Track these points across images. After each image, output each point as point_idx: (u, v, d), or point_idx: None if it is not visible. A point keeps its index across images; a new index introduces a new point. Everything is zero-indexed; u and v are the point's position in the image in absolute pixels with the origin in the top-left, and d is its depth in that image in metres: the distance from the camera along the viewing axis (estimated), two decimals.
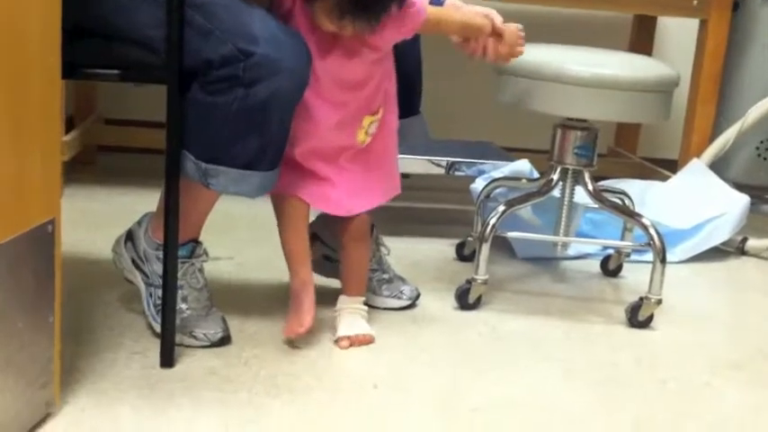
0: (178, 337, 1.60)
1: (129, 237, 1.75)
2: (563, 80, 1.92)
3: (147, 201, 1.77)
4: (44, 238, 1.30)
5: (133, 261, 1.73)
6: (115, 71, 1.55)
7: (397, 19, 1.58)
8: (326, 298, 1.80)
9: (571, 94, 1.92)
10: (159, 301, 1.62)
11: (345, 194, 1.70)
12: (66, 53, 1.31)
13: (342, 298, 1.78)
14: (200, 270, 1.69)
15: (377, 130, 1.71)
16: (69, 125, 2.72)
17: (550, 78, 1.93)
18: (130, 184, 2.59)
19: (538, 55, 1.98)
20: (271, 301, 1.89)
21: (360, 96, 1.66)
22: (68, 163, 2.51)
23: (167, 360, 1.57)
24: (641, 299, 1.94)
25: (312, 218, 1.78)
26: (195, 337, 1.65)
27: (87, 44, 1.52)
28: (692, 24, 2.73)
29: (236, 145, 1.53)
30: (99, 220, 2.28)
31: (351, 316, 1.76)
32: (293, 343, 1.69)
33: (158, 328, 1.60)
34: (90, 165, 2.86)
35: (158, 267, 1.63)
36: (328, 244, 1.90)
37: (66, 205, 1.39)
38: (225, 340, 1.67)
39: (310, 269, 1.73)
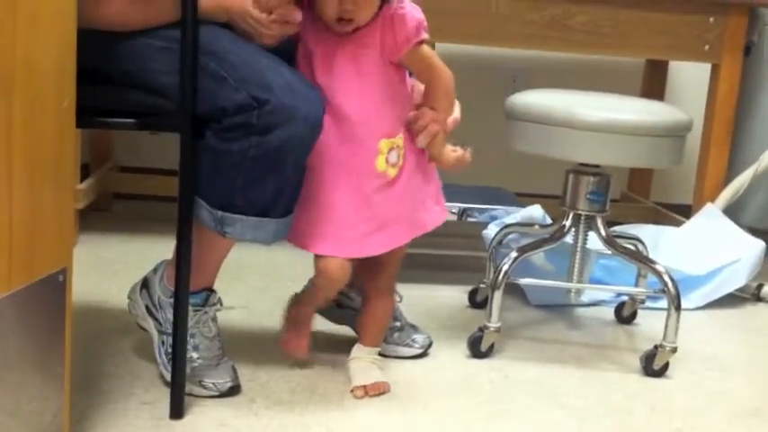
0: (188, 387, 1.59)
1: (145, 284, 1.75)
2: (575, 125, 1.92)
3: (163, 248, 1.77)
4: (55, 287, 1.30)
5: (147, 308, 1.73)
6: (130, 120, 1.57)
7: (383, 20, 1.58)
8: (339, 345, 1.79)
9: (583, 140, 1.92)
10: (171, 350, 1.61)
11: (370, 233, 1.64)
12: (80, 100, 1.31)
13: (358, 347, 1.77)
14: (214, 319, 1.69)
15: (404, 163, 1.65)
16: (85, 172, 2.74)
17: (562, 124, 1.93)
18: (146, 231, 2.60)
19: (550, 100, 1.99)
20: (282, 350, 1.88)
21: (360, 105, 1.60)
22: (84, 210, 2.53)
23: (177, 411, 1.56)
24: (656, 347, 1.92)
25: None
26: (204, 387, 1.64)
27: (102, 91, 1.54)
28: (705, 68, 2.74)
29: (252, 192, 1.53)
30: (113, 268, 2.28)
31: (366, 365, 1.75)
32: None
33: (169, 377, 1.59)
34: (105, 212, 2.88)
35: (172, 315, 1.63)
36: (341, 290, 1.89)
37: (81, 252, 1.40)
38: (234, 390, 1.66)
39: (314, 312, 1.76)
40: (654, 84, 3.09)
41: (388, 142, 1.63)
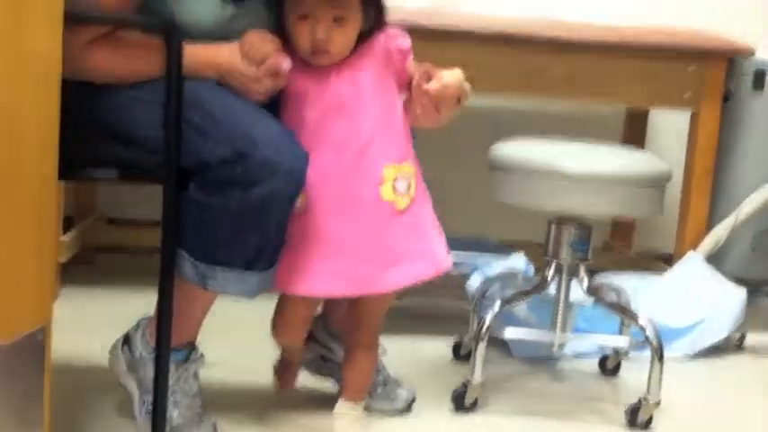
0: None
1: (126, 340, 1.73)
2: (556, 177, 1.93)
3: (146, 303, 1.75)
4: (34, 346, 1.28)
5: (128, 365, 1.71)
6: (112, 172, 1.57)
7: (378, 43, 1.61)
8: (323, 401, 1.77)
9: (564, 191, 1.93)
10: (151, 408, 1.59)
11: (378, 269, 1.61)
12: (62, 154, 1.30)
13: (342, 402, 1.74)
14: (195, 376, 1.67)
15: (416, 193, 1.62)
16: (68, 225, 2.72)
17: (543, 175, 1.94)
18: (130, 284, 2.57)
19: (530, 152, 1.99)
20: (266, 406, 1.86)
21: (351, 126, 1.59)
22: (67, 263, 2.51)
23: None
24: (640, 400, 1.91)
25: None
26: None
27: (84, 145, 1.54)
28: (685, 116, 2.77)
29: (235, 245, 1.53)
30: (96, 323, 2.26)
31: (350, 422, 1.73)
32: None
33: None
34: (89, 265, 2.85)
35: (153, 372, 1.61)
36: (324, 344, 1.88)
37: (63, 307, 1.39)
38: None
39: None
40: (634, 131, 3.11)
41: (396, 168, 1.60)
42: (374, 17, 1.61)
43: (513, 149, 2.03)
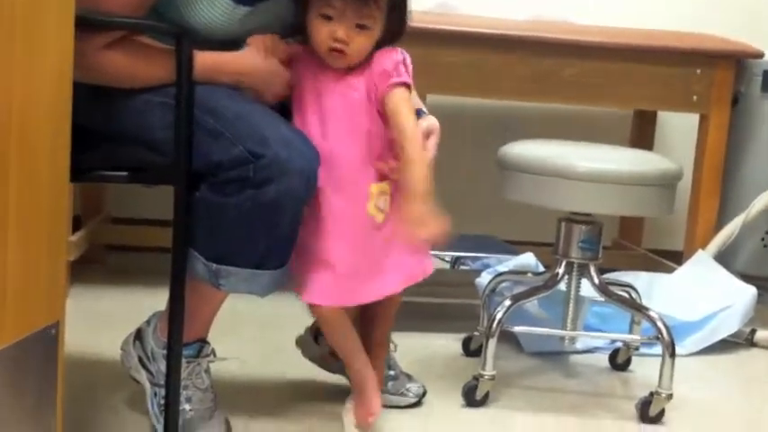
0: None
1: (138, 335, 1.74)
2: (567, 176, 1.93)
3: (155, 300, 1.77)
4: (48, 341, 1.29)
5: (140, 360, 1.72)
6: (123, 173, 1.57)
7: (373, 63, 1.60)
8: (335, 395, 1.78)
9: (575, 189, 1.94)
10: (163, 402, 1.60)
11: (361, 281, 1.64)
12: (74, 155, 1.31)
13: (353, 397, 1.75)
14: (207, 370, 1.68)
15: (390, 210, 1.64)
16: (77, 224, 2.73)
17: (554, 174, 1.95)
18: (138, 283, 2.59)
19: (541, 151, 2.00)
20: (276, 400, 1.87)
21: (351, 147, 1.60)
22: (76, 262, 2.52)
23: None
24: (652, 394, 1.91)
25: None
26: None
27: (96, 146, 1.54)
28: (693, 118, 2.77)
29: (247, 245, 1.53)
30: (105, 321, 2.27)
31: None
32: None
33: (161, 430, 1.58)
34: (98, 264, 2.86)
35: (165, 367, 1.62)
36: None
37: (73, 305, 1.39)
38: None
39: (366, 359, 1.70)
40: (643, 134, 3.12)
41: (379, 186, 1.63)
42: (393, 31, 1.61)
43: (525, 149, 2.04)
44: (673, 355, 1.90)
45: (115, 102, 1.55)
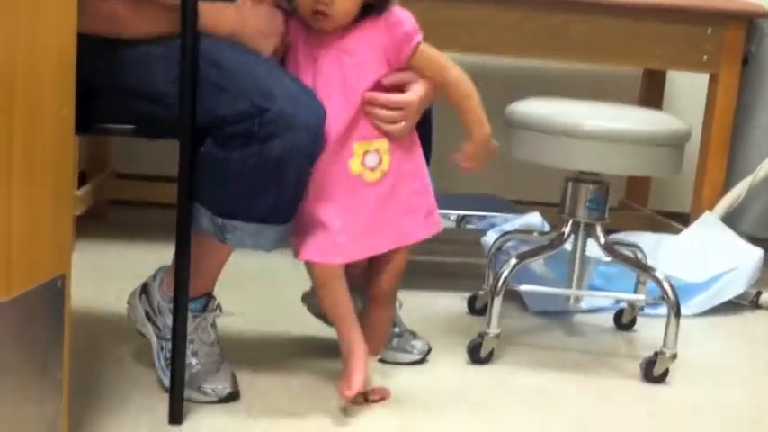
0: (186, 393, 1.59)
1: (144, 289, 1.74)
2: (574, 134, 1.92)
3: (160, 255, 1.77)
4: (54, 293, 1.29)
5: (146, 313, 1.73)
6: (129, 126, 1.57)
7: (377, 28, 1.59)
8: (339, 351, 1.78)
9: (583, 148, 1.92)
10: (170, 355, 1.61)
11: (350, 238, 1.64)
12: (79, 108, 1.31)
13: None
14: (213, 325, 1.69)
15: (389, 170, 1.64)
16: (82, 180, 2.73)
17: (561, 132, 1.93)
18: (143, 238, 2.59)
19: (549, 109, 1.99)
20: (281, 355, 1.88)
21: (339, 108, 1.59)
22: (80, 217, 2.52)
23: (176, 417, 1.55)
24: (656, 353, 1.91)
25: None
26: (203, 393, 1.64)
27: (100, 99, 1.54)
28: (702, 78, 2.75)
29: (253, 200, 1.53)
30: (110, 275, 2.28)
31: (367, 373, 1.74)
32: (346, 411, 1.65)
33: (168, 383, 1.59)
34: (102, 219, 2.87)
35: (171, 321, 1.62)
36: None
37: (78, 260, 1.39)
38: (233, 396, 1.66)
39: (357, 329, 1.68)
40: (652, 93, 3.09)
41: (362, 145, 1.62)
42: None
43: (532, 107, 2.03)
44: (678, 314, 1.90)
45: (119, 54, 1.53)
